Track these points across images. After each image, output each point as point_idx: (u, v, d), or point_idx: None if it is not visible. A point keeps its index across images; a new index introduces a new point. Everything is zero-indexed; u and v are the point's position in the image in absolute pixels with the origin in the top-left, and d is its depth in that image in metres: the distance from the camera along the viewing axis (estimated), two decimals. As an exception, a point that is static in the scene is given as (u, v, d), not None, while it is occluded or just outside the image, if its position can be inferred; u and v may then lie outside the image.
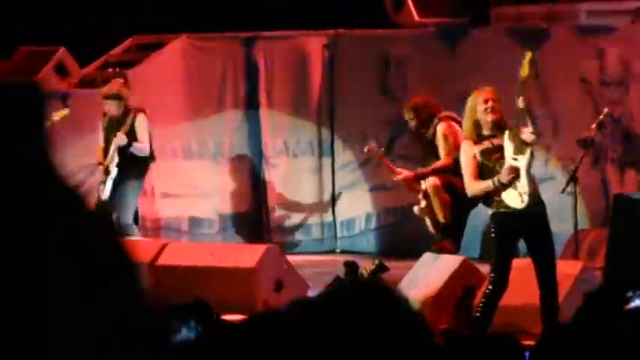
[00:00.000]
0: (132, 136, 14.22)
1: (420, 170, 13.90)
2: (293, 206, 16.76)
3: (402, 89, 15.80)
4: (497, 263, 10.67)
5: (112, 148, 14.36)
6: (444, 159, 13.55)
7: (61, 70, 15.95)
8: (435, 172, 13.67)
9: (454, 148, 13.11)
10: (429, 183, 13.58)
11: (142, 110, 14.56)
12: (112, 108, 14.11)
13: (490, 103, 10.55)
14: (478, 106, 10.62)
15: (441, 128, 13.74)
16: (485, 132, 10.50)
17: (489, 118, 10.49)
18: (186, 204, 16.28)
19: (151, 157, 14.75)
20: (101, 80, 15.79)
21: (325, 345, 1.86)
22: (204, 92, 16.35)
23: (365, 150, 14.70)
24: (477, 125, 10.54)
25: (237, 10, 16.49)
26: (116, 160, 14.30)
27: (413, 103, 14.13)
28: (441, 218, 13.51)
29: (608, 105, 14.14)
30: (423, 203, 13.90)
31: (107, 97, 14.43)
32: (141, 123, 14.30)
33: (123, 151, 14.20)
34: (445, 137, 13.65)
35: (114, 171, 14.19)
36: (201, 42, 16.36)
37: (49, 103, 14.86)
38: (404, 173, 14.00)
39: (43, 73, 15.52)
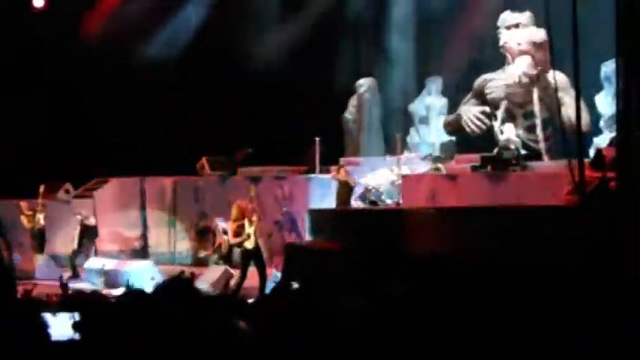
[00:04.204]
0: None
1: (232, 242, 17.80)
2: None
3: (210, 202, 23.17)
4: (242, 272, 16.80)
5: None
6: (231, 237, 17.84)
7: (67, 191, 23.92)
8: (231, 245, 18.71)
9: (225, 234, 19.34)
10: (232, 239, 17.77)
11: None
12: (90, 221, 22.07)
13: (238, 210, 16.86)
14: (235, 210, 16.99)
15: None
16: (239, 218, 16.84)
17: (239, 214, 16.75)
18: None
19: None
20: (83, 196, 23.90)
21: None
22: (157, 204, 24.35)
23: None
24: (237, 217, 16.81)
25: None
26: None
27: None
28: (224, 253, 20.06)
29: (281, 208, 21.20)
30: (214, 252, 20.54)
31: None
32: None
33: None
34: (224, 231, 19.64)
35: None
36: (153, 179, 24.48)
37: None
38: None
39: (60, 194, 23.79)
